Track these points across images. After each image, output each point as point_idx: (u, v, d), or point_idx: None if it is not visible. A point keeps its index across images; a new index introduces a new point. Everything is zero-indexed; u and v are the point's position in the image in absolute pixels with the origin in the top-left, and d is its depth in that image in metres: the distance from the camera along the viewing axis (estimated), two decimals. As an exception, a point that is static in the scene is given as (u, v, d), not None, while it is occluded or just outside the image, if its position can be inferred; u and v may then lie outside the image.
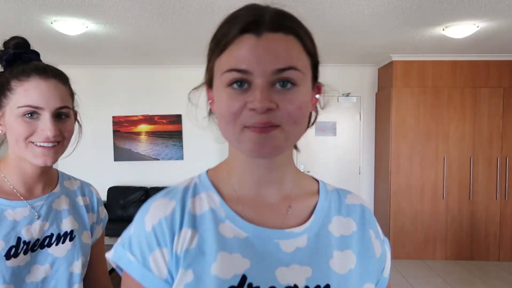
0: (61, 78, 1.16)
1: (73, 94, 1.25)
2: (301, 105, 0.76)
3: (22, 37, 1.19)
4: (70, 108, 1.19)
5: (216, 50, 0.83)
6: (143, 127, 6.72)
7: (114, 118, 6.73)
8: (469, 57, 5.78)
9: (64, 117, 1.15)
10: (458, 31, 4.38)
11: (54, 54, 5.87)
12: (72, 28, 4.27)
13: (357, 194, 0.97)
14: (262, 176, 0.84)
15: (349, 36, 4.82)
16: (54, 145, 1.12)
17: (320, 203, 0.88)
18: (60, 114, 1.13)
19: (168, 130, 6.72)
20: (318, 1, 3.61)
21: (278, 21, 0.78)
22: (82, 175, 4.93)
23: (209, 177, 0.92)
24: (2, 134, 1.14)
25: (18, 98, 1.08)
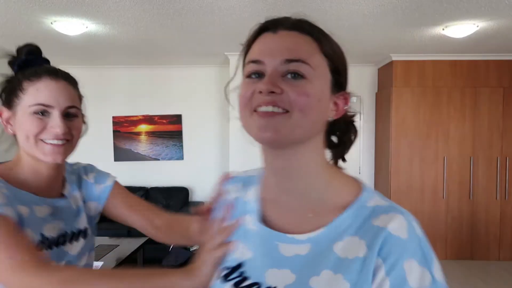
0: (70, 80, 1.23)
1: (81, 97, 1.30)
2: (308, 94, 0.77)
3: (35, 44, 1.23)
4: (78, 108, 1.24)
5: (244, 50, 0.88)
6: (143, 127, 6.73)
7: (114, 118, 6.74)
8: (469, 56, 5.78)
9: (72, 116, 1.20)
10: (458, 31, 4.38)
11: (54, 55, 5.86)
12: (72, 28, 4.27)
13: (401, 218, 0.88)
14: (281, 184, 0.87)
15: (349, 35, 4.82)
16: (63, 142, 1.15)
17: (340, 218, 0.82)
18: (69, 113, 1.18)
19: (168, 130, 6.72)
20: (318, 0, 3.61)
21: (296, 22, 0.86)
22: (82, 175, 4.76)
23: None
24: (11, 134, 1.17)
25: (29, 97, 1.12)
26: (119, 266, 3.87)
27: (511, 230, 5.84)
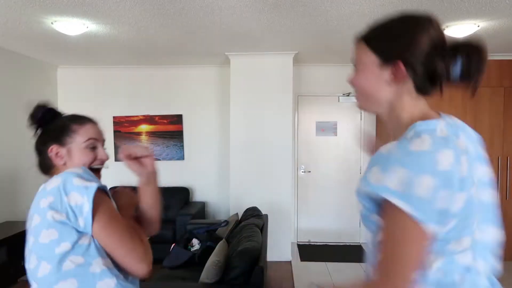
0: (97, 122, 1.64)
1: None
2: (355, 81, 1.34)
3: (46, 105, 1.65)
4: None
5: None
6: (144, 127, 6.73)
7: (114, 118, 6.74)
8: (469, 56, 5.77)
9: (105, 149, 1.62)
10: (459, 31, 4.38)
11: (55, 55, 5.88)
12: (72, 28, 4.27)
13: None
14: None
15: (349, 35, 4.82)
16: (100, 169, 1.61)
17: None
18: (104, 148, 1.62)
19: (168, 130, 6.72)
20: (319, 1, 3.61)
21: (357, 35, 1.33)
22: (83, 176, 4.76)
23: None
24: (62, 164, 1.52)
25: (83, 135, 1.53)
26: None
27: (512, 230, 5.83)
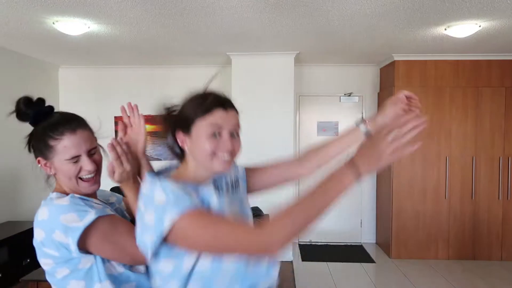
0: (83, 125, 1.52)
1: (93, 131, 1.58)
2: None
3: (31, 97, 1.54)
4: (95, 146, 1.54)
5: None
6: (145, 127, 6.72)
7: (116, 118, 6.74)
8: (471, 56, 5.78)
9: (94, 153, 1.52)
10: (460, 31, 4.38)
11: (56, 55, 5.88)
12: (74, 28, 4.28)
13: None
14: None
15: (351, 35, 4.82)
16: (94, 175, 1.50)
17: None
18: (91, 153, 1.50)
19: (170, 130, 6.72)
20: (320, 1, 3.61)
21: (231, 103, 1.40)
22: (84, 175, 4.70)
23: None
24: (52, 174, 1.50)
25: (61, 154, 1.44)
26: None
27: (514, 230, 5.85)
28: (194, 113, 1.39)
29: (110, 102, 6.74)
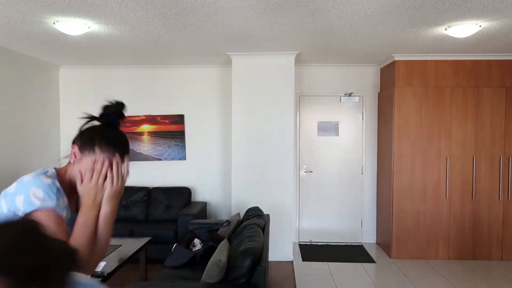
0: (127, 155, 1.67)
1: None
2: None
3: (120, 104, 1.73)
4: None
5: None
6: (146, 127, 6.73)
7: (116, 118, 6.74)
8: (471, 56, 5.78)
9: None
10: (461, 31, 4.38)
11: (57, 55, 5.89)
12: (74, 28, 4.28)
13: None
14: None
15: (351, 36, 4.82)
16: None
17: None
18: None
19: (170, 130, 6.73)
20: (321, 1, 3.61)
21: None
22: (85, 175, 4.72)
23: None
24: (72, 162, 1.59)
25: (95, 160, 1.55)
26: (121, 266, 3.88)
27: (514, 230, 5.84)
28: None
29: (111, 102, 6.75)
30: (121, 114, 1.70)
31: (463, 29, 4.34)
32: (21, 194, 1.45)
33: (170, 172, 6.77)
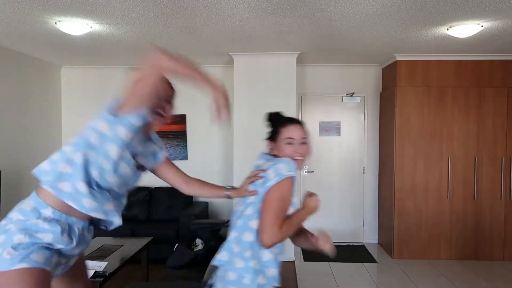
0: (300, 123, 2.10)
1: (307, 131, 2.11)
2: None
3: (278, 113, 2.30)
4: (306, 137, 2.06)
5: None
6: (147, 127, 6.73)
7: (118, 118, 6.75)
8: (473, 56, 5.77)
9: (304, 143, 2.04)
10: (462, 31, 4.37)
11: (58, 54, 5.90)
12: (76, 28, 4.29)
13: None
14: None
15: (353, 36, 4.82)
16: (302, 158, 2.04)
17: None
18: (302, 142, 2.04)
19: (172, 130, 6.73)
20: (322, 1, 3.61)
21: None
22: (87, 175, 4.62)
23: None
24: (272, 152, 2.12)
25: (283, 134, 2.05)
26: (123, 266, 3.88)
27: (516, 231, 5.84)
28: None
29: (112, 102, 6.76)
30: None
31: (465, 29, 4.33)
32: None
33: (171, 172, 6.77)
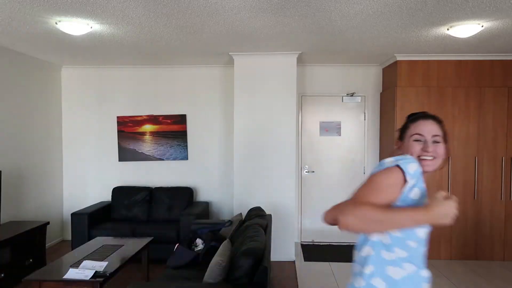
0: (435, 119, 1.80)
1: (445, 131, 1.84)
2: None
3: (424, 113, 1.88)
4: (441, 137, 1.77)
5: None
6: (148, 127, 6.74)
7: (118, 118, 6.76)
8: (473, 56, 5.77)
9: (437, 142, 1.76)
10: (463, 31, 4.37)
11: (59, 54, 5.90)
12: (76, 28, 4.29)
13: None
14: None
15: (353, 36, 4.82)
16: (431, 158, 1.78)
17: None
18: (434, 140, 1.76)
19: (172, 130, 6.73)
20: (323, 1, 3.61)
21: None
22: (88, 175, 5.05)
23: None
24: (399, 152, 1.82)
25: (411, 130, 1.80)
26: (124, 266, 3.88)
27: (516, 231, 5.84)
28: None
29: (113, 102, 6.77)
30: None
31: (465, 29, 4.33)
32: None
33: (172, 172, 6.78)
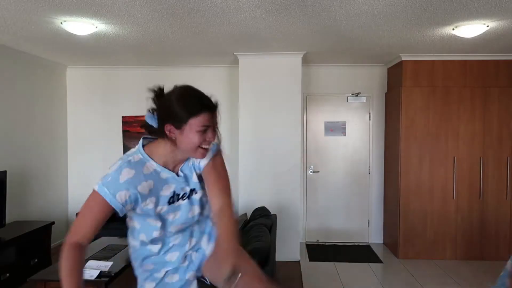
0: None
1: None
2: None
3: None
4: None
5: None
6: (152, 127, 6.74)
7: (123, 118, 6.77)
8: (479, 56, 5.75)
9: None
10: (468, 31, 4.36)
11: (64, 54, 5.92)
12: (81, 28, 4.30)
13: None
14: None
15: (358, 36, 4.81)
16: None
17: None
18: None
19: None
20: (328, 1, 3.61)
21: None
22: (92, 174, 5.08)
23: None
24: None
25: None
26: (129, 266, 3.89)
27: (522, 231, 5.81)
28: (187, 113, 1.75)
29: (118, 102, 6.78)
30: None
31: (471, 29, 4.32)
32: None
33: (176, 171, 6.78)
